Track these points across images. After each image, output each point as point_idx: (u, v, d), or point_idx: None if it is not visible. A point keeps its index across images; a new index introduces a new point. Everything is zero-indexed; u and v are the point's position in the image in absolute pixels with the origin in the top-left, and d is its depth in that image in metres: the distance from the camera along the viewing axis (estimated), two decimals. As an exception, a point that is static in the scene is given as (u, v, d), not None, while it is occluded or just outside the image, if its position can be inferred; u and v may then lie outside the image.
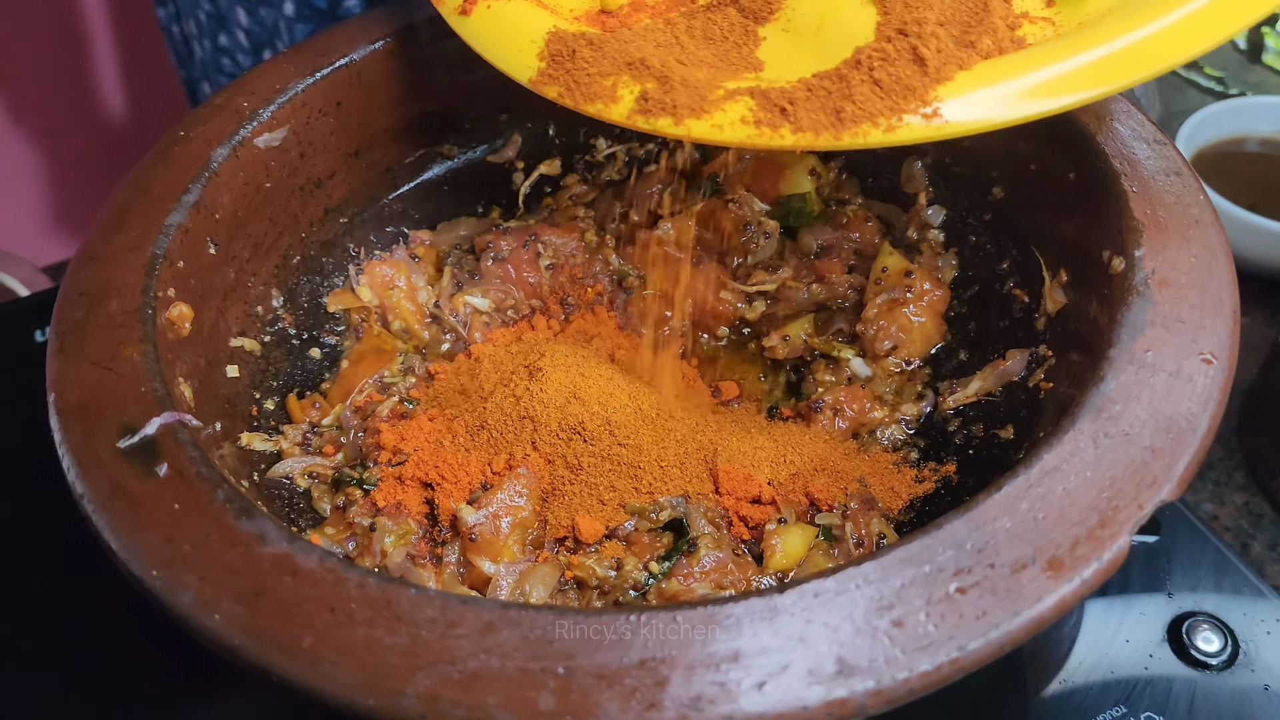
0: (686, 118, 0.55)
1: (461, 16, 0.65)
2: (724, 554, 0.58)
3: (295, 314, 0.72)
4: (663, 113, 0.56)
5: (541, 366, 0.64)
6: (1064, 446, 0.46)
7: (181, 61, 1.19)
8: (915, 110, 0.52)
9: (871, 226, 0.76)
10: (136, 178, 0.63)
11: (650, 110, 0.56)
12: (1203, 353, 0.50)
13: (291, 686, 0.41)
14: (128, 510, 0.47)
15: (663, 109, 0.56)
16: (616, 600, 0.57)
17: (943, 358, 0.70)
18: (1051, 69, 0.52)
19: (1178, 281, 0.53)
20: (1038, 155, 0.66)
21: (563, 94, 0.59)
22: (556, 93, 0.60)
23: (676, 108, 0.55)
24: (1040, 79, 0.52)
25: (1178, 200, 0.57)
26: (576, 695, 0.39)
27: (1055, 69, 0.51)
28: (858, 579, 0.42)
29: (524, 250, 0.75)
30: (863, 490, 0.61)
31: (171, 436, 0.50)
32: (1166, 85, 1.18)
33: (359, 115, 0.74)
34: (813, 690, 0.40)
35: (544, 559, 0.59)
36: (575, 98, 0.59)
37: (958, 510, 0.44)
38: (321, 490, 0.64)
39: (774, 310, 0.74)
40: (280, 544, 0.45)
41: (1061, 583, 0.42)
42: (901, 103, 0.53)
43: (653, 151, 0.83)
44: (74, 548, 0.64)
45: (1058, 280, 0.63)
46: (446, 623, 0.42)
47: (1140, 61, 0.51)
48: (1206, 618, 0.62)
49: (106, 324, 0.55)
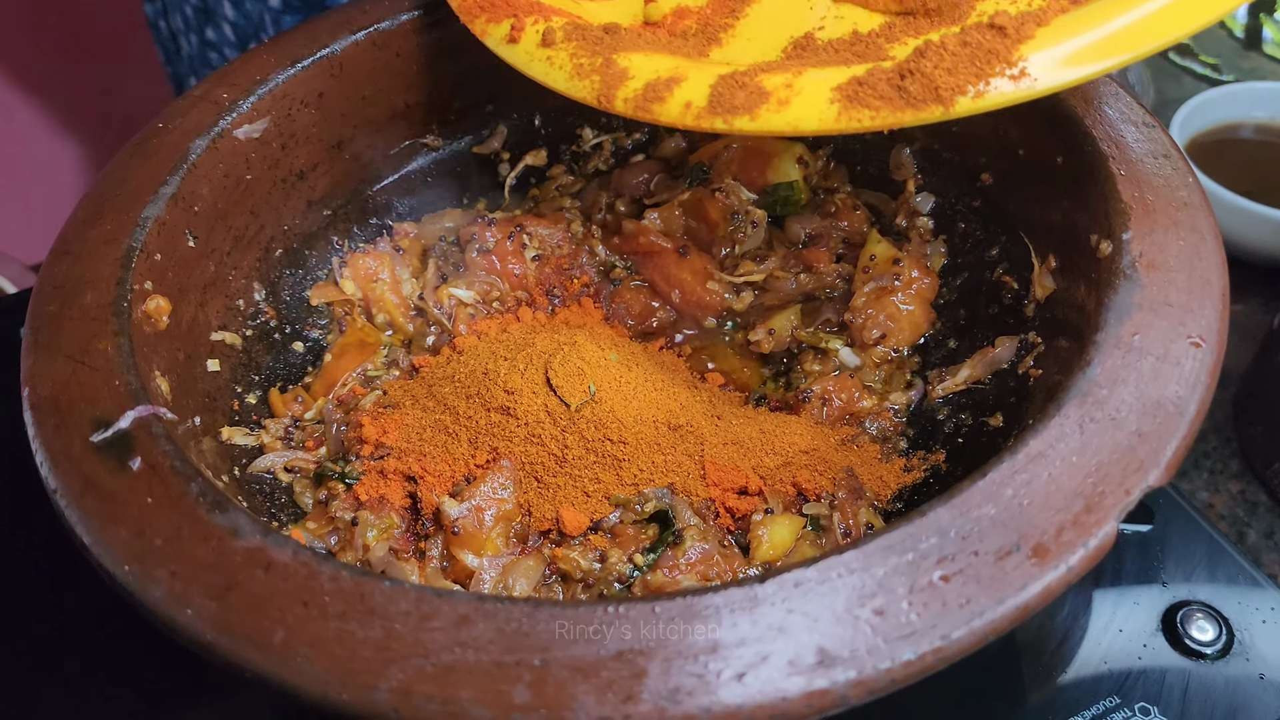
0: (768, 112, 0.55)
1: (510, 45, 0.65)
2: (710, 545, 0.57)
3: (277, 307, 0.71)
4: (739, 111, 0.55)
5: (527, 358, 0.63)
6: (1049, 432, 0.45)
7: (169, 58, 1.19)
8: (1002, 73, 0.51)
9: (860, 214, 0.75)
10: (113, 170, 0.62)
11: (725, 109, 0.56)
12: (1191, 336, 0.49)
13: (265, 682, 0.41)
14: (99, 505, 0.46)
15: (734, 108, 0.55)
16: (601, 593, 0.57)
17: (932, 346, 0.70)
18: (1125, 17, 0.50)
19: (1165, 264, 0.52)
20: (1026, 140, 0.65)
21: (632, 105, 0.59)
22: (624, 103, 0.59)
23: (751, 102, 0.55)
24: (1116, 28, 0.50)
25: (1166, 183, 0.56)
26: (552, 688, 0.39)
27: (1130, 16, 0.50)
28: (839, 568, 0.42)
29: (509, 242, 0.75)
30: (850, 480, 0.61)
31: (145, 430, 0.49)
32: (1161, 72, 1.18)
33: (341, 106, 0.73)
34: (793, 681, 0.39)
35: (528, 552, 0.58)
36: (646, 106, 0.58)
37: (941, 497, 0.44)
38: (304, 485, 0.63)
39: (761, 301, 0.74)
40: (254, 538, 0.44)
41: (1047, 570, 0.41)
42: (986, 67, 0.52)
43: (639, 141, 0.83)
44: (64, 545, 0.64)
45: (1046, 266, 0.62)
46: (421, 616, 0.41)
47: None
48: (1201, 607, 0.62)
49: (80, 317, 0.54)
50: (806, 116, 0.55)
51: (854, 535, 0.59)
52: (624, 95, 0.59)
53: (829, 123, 0.54)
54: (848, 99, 0.54)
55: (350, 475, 0.62)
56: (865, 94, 0.53)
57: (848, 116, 0.53)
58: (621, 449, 0.60)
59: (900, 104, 0.52)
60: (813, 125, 0.54)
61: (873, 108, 0.53)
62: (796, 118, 0.55)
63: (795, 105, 0.55)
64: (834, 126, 0.54)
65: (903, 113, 0.52)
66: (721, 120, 0.56)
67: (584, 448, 0.60)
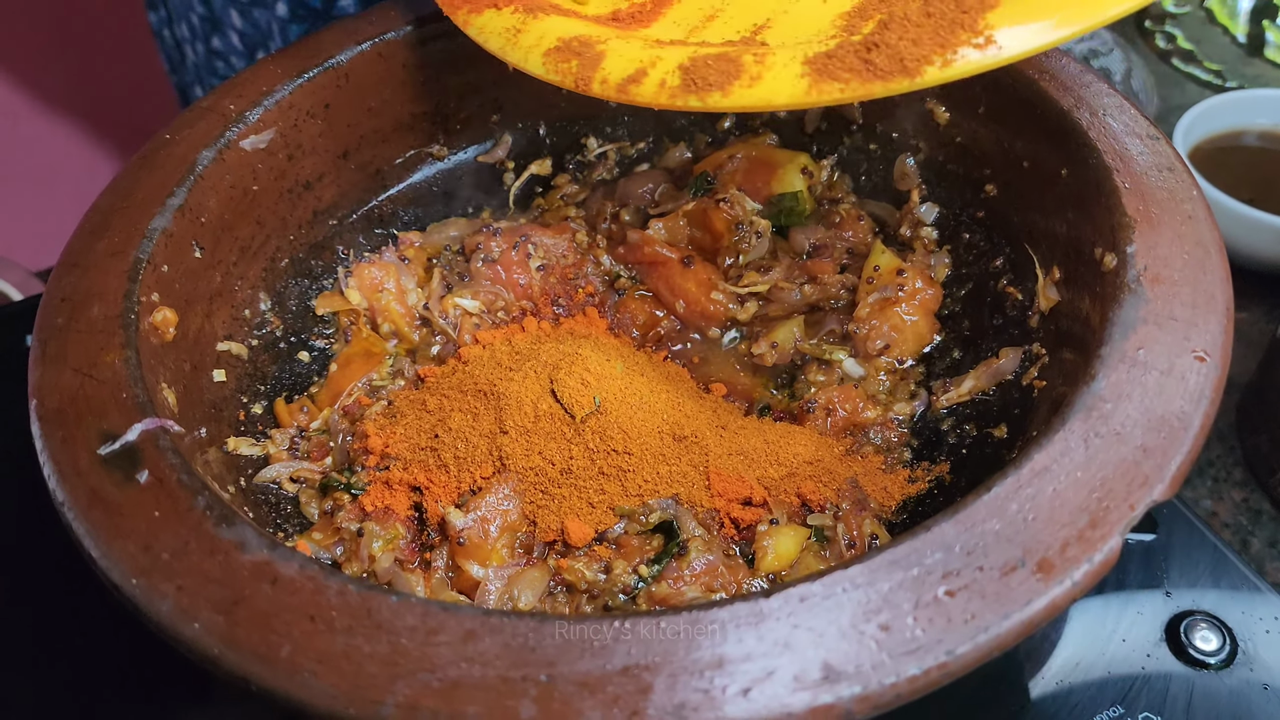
0: (738, 88, 0.55)
1: (483, 27, 0.65)
2: (715, 556, 0.58)
3: (283, 317, 0.71)
4: (709, 88, 0.55)
5: (532, 368, 0.63)
6: (1054, 446, 0.46)
7: (174, 67, 1.19)
8: (968, 41, 0.51)
9: (864, 225, 0.75)
10: (120, 182, 0.63)
11: (698, 87, 0.56)
12: (1195, 350, 0.49)
13: (270, 697, 0.41)
14: (107, 518, 0.46)
15: (707, 85, 0.55)
16: (606, 605, 0.57)
17: (936, 356, 0.70)
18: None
19: (1170, 278, 0.52)
20: (1031, 152, 0.65)
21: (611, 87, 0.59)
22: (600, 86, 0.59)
23: (723, 79, 0.55)
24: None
25: (1170, 196, 0.56)
26: (558, 704, 0.39)
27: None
28: (844, 583, 0.42)
29: (514, 251, 0.75)
30: (855, 490, 0.61)
31: (152, 443, 0.49)
32: (1164, 79, 1.18)
33: (348, 117, 0.73)
34: (798, 696, 0.39)
35: (533, 563, 0.59)
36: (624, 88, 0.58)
37: (946, 512, 0.44)
38: (309, 495, 0.63)
39: (765, 311, 0.74)
40: (260, 551, 0.44)
41: (1051, 585, 0.41)
42: (952, 36, 0.51)
43: (644, 150, 0.83)
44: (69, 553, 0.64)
45: (1051, 277, 0.62)
46: (427, 630, 0.41)
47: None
48: (1205, 616, 0.62)
49: (87, 330, 0.54)
50: (778, 91, 0.54)
51: (859, 547, 0.59)
52: (600, 78, 0.59)
53: (799, 97, 0.54)
54: (817, 73, 0.53)
55: (355, 486, 0.62)
56: (834, 67, 0.53)
57: (818, 90, 0.53)
58: (626, 460, 0.60)
59: (868, 76, 0.52)
60: (784, 99, 0.54)
61: (841, 80, 0.53)
62: (768, 92, 0.55)
63: (766, 80, 0.55)
64: (804, 100, 0.54)
65: (871, 84, 0.52)
66: (696, 98, 0.56)
67: (589, 459, 0.60)
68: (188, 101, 1.21)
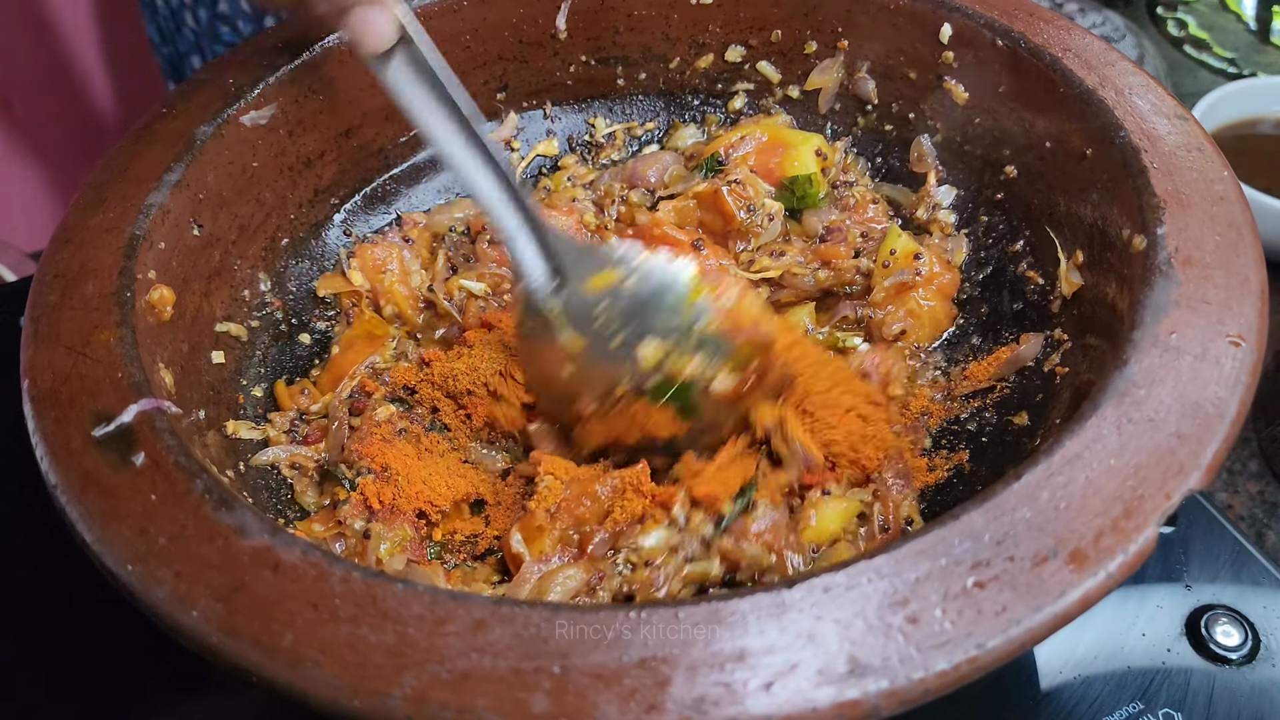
0: None
1: None
2: (779, 515, 0.56)
3: (284, 298, 0.70)
4: None
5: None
6: (1086, 433, 0.44)
7: (166, 37, 1.16)
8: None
9: (879, 208, 0.73)
10: (116, 157, 0.61)
11: None
12: (1230, 334, 0.48)
13: (271, 687, 0.39)
14: (101, 502, 0.44)
15: None
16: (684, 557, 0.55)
17: (954, 342, 0.68)
18: None
19: (1202, 260, 0.50)
20: (1054, 132, 0.63)
21: None
22: None
23: None
24: None
25: (1201, 176, 0.54)
26: (572, 697, 0.37)
27: None
28: (870, 573, 0.40)
29: (521, 233, 0.73)
30: (900, 463, 0.59)
31: (149, 425, 0.47)
32: (1177, 66, 1.16)
33: (350, 93, 0.71)
34: (823, 691, 0.37)
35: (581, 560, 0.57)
36: None
37: (975, 500, 0.42)
38: (304, 483, 0.61)
39: (777, 297, 0.72)
40: (261, 537, 0.42)
41: (1085, 576, 0.40)
42: None
43: (654, 131, 0.81)
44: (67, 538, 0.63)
45: (1074, 261, 0.60)
46: (435, 620, 0.39)
47: None
48: (1226, 611, 0.61)
49: (82, 307, 0.52)
50: None
51: (892, 530, 0.57)
52: None
53: None
54: None
55: (357, 476, 0.60)
56: None
57: None
58: None
59: None
60: None
61: None
62: None
63: None
64: None
65: None
66: None
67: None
68: (180, 74, 1.19)
